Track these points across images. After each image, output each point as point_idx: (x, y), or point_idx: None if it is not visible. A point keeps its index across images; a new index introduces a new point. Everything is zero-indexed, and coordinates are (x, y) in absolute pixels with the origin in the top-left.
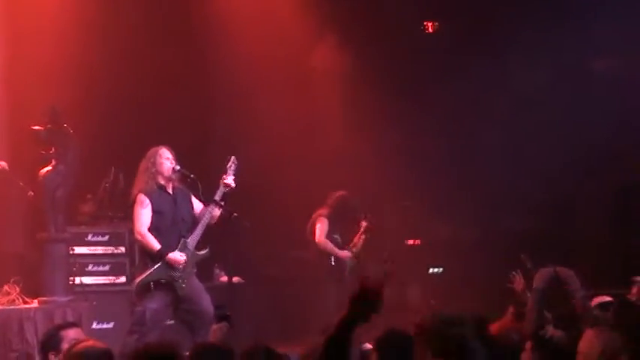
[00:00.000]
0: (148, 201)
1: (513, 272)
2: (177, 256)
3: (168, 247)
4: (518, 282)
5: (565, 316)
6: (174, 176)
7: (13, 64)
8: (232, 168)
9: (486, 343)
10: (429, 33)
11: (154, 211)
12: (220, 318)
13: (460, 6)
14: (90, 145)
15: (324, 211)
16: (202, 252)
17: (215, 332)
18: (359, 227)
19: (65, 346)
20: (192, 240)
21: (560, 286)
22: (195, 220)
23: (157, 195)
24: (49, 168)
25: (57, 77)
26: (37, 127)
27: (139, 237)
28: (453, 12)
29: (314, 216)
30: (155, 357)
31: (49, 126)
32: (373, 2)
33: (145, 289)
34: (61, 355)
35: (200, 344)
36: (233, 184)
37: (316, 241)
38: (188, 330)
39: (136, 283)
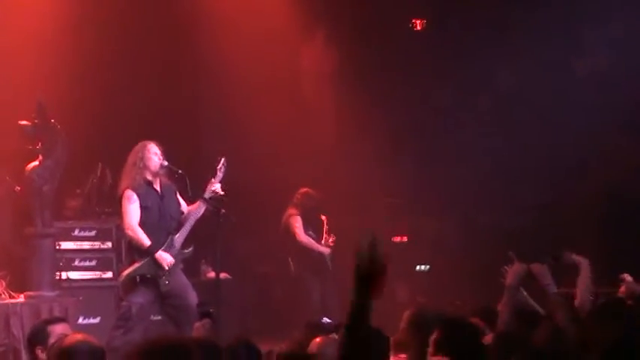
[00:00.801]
0: (135, 196)
1: (505, 267)
2: (164, 255)
3: (156, 244)
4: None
5: (528, 312)
6: (161, 172)
7: (1, 58)
8: (222, 170)
9: None
10: (417, 30)
11: (142, 207)
12: (203, 315)
13: (447, 3)
14: (77, 141)
15: (294, 210)
16: (187, 250)
17: (198, 329)
18: (322, 221)
19: (52, 341)
20: (179, 237)
21: (533, 282)
22: (182, 218)
23: (145, 191)
24: (36, 163)
25: (44, 72)
26: (23, 122)
27: (129, 232)
28: (440, 9)
29: (285, 216)
30: (168, 353)
31: (36, 121)
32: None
33: (131, 283)
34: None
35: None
36: (220, 192)
37: (298, 239)
38: (174, 325)
39: (122, 277)
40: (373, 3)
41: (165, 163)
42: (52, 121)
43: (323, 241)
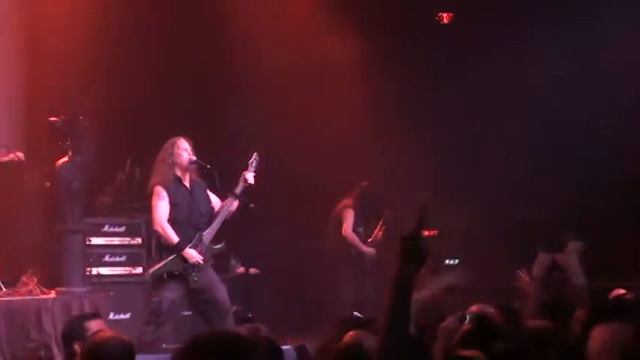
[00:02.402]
0: (165, 193)
1: (518, 270)
2: (193, 252)
3: (185, 240)
4: (524, 279)
5: (551, 303)
6: (191, 167)
7: (30, 56)
8: (254, 164)
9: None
10: (444, 24)
11: (171, 203)
12: (243, 320)
13: None
14: (106, 137)
15: (349, 202)
16: (218, 246)
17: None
18: (380, 218)
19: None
20: (208, 234)
21: (560, 273)
22: (212, 214)
23: (174, 187)
24: (65, 159)
25: (73, 69)
26: (53, 119)
27: (159, 229)
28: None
29: (339, 207)
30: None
31: (65, 117)
32: None
33: (158, 280)
34: None
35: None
36: (252, 181)
37: (343, 233)
38: (204, 320)
39: (149, 274)
40: None
41: (194, 158)
42: (81, 117)
43: (373, 236)
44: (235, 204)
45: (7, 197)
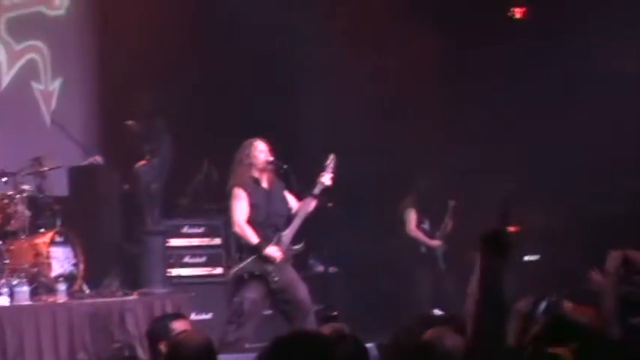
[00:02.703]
0: (243, 194)
1: (591, 271)
2: (274, 251)
3: (264, 241)
4: (597, 279)
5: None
6: (268, 168)
7: (109, 59)
8: (331, 166)
9: None
10: (517, 19)
11: (249, 205)
12: (328, 319)
13: None
14: (184, 139)
15: (411, 199)
16: (298, 246)
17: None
18: (447, 209)
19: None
20: (287, 234)
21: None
22: (290, 215)
23: (252, 188)
24: (143, 162)
25: (149, 72)
26: (131, 122)
27: (238, 230)
28: None
29: (402, 205)
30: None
31: (143, 121)
32: None
33: (239, 280)
34: None
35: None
36: (330, 183)
37: (408, 232)
38: (286, 319)
39: (230, 275)
40: None
41: (271, 158)
42: (159, 120)
43: (442, 228)
44: (313, 204)
45: (87, 200)
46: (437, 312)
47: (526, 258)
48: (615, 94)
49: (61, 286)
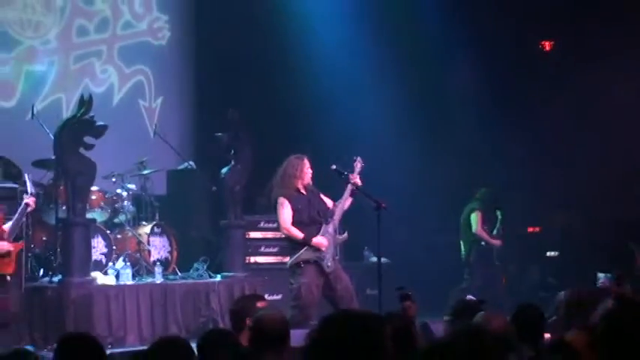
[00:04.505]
0: (287, 202)
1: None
2: (320, 239)
3: (310, 234)
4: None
5: None
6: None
7: (202, 81)
8: (359, 167)
9: None
10: (546, 51)
11: (293, 209)
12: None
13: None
14: (262, 147)
15: (476, 204)
16: (342, 236)
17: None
18: (495, 216)
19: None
20: (330, 226)
21: None
22: (328, 212)
23: (295, 196)
24: (229, 167)
25: (237, 92)
26: (219, 134)
27: (285, 231)
28: (567, 31)
29: (467, 209)
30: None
31: (229, 132)
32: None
33: (295, 268)
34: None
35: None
36: (360, 183)
37: (477, 233)
38: (332, 305)
39: (288, 265)
40: (505, 26)
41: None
42: (243, 131)
43: (495, 232)
44: (349, 202)
45: (181, 199)
46: (471, 297)
47: (548, 254)
48: (627, 119)
49: (158, 270)
